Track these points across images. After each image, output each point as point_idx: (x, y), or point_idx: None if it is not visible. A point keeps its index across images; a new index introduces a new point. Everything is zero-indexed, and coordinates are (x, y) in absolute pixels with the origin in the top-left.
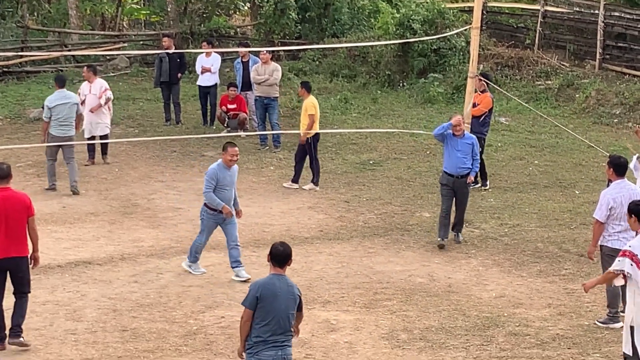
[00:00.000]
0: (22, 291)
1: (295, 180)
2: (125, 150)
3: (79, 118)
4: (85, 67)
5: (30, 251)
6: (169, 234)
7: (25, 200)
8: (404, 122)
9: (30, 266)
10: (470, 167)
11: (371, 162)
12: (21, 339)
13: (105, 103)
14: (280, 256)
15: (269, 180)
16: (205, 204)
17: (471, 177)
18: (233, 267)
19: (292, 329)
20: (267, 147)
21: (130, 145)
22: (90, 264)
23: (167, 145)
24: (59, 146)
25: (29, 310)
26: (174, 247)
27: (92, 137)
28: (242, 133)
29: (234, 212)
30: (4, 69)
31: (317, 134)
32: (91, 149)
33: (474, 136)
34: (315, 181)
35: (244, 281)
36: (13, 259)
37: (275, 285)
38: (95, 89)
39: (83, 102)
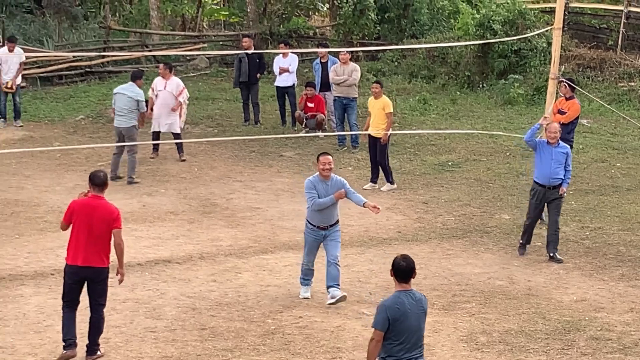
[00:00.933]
0: (98, 302)
1: (375, 180)
2: (205, 150)
3: (142, 115)
4: (162, 64)
5: (108, 263)
6: (247, 234)
7: (113, 212)
8: (484, 124)
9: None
10: (563, 177)
11: (450, 163)
12: (98, 352)
13: (183, 104)
14: (404, 271)
15: (348, 181)
16: (306, 221)
17: (563, 189)
18: (328, 287)
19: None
20: (346, 148)
21: (209, 145)
22: (169, 263)
23: (245, 145)
24: (120, 138)
25: (109, 307)
26: (252, 247)
27: (158, 132)
28: (320, 133)
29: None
30: (87, 69)
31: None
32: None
33: (567, 146)
34: (392, 180)
35: (333, 293)
36: (91, 268)
37: (405, 304)
38: (171, 86)
39: (156, 96)
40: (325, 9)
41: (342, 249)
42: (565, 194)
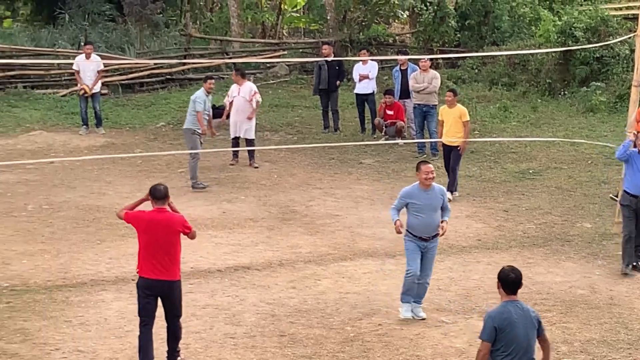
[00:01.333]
0: (174, 314)
1: (453, 189)
2: (284, 157)
3: (209, 121)
4: (234, 70)
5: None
6: (326, 241)
7: (177, 220)
8: (565, 131)
9: None
10: None
11: (531, 171)
12: (179, 358)
13: (256, 107)
14: (512, 283)
15: None
16: (407, 230)
17: None
18: (412, 302)
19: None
20: (425, 155)
21: (289, 152)
22: (249, 269)
23: (325, 152)
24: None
25: (189, 314)
26: (332, 254)
27: (237, 138)
28: (399, 141)
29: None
30: (168, 77)
31: None
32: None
33: None
34: (455, 189)
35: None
36: (161, 282)
37: (511, 313)
38: (245, 91)
39: (231, 103)
40: (405, 16)
41: None
42: None
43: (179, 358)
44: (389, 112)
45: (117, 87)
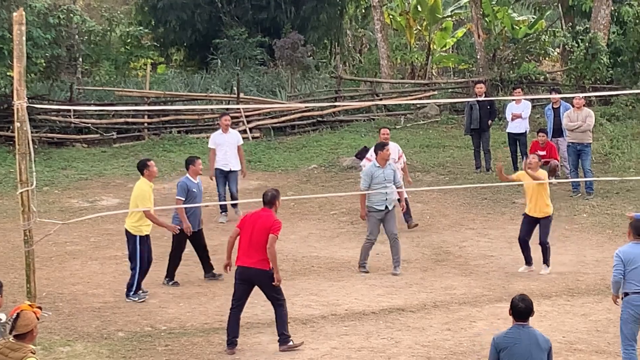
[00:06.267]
0: (275, 299)
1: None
2: (436, 197)
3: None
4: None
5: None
6: (481, 282)
7: (273, 221)
8: None
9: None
10: None
11: None
12: (290, 342)
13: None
14: (521, 312)
15: (582, 228)
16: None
17: None
18: None
19: None
20: (580, 194)
21: (441, 192)
22: (403, 311)
23: (477, 192)
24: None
25: (345, 356)
26: (486, 295)
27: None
28: (553, 180)
29: None
30: (319, 119)
31: None
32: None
33: None
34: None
35: None
36: (253, 270)
37: (514, 335)
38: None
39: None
40: (555, 53)
41: (577, 297)
42: None
43: (290, 343)
44: (541, 153)
45: (269, 130)
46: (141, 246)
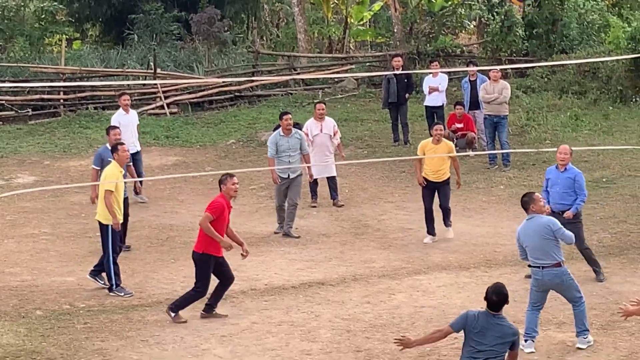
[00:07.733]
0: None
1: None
2: (355, 171)
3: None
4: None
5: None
6: (399, 255)
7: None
8: (638, 138)
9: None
10: None
11: (604, 179)
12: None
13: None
14: (494, 304)
15: (499, 200)
16: None
17: None
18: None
19: None
20: (497, 166)
21: (359, 166)
22: (323, 285)
23: (396, 165)
24: None
25: (265, 331)
26: (405, 268)
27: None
28: (470, 152)
29: None
30: (236, 94)
31: None
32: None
33: None
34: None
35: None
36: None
37: (483, 321)
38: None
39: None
40: (472, 26)
41: (495, 269)
42: None
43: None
44: (459, 125)
45: (186, 106)
46: (113, 236)
